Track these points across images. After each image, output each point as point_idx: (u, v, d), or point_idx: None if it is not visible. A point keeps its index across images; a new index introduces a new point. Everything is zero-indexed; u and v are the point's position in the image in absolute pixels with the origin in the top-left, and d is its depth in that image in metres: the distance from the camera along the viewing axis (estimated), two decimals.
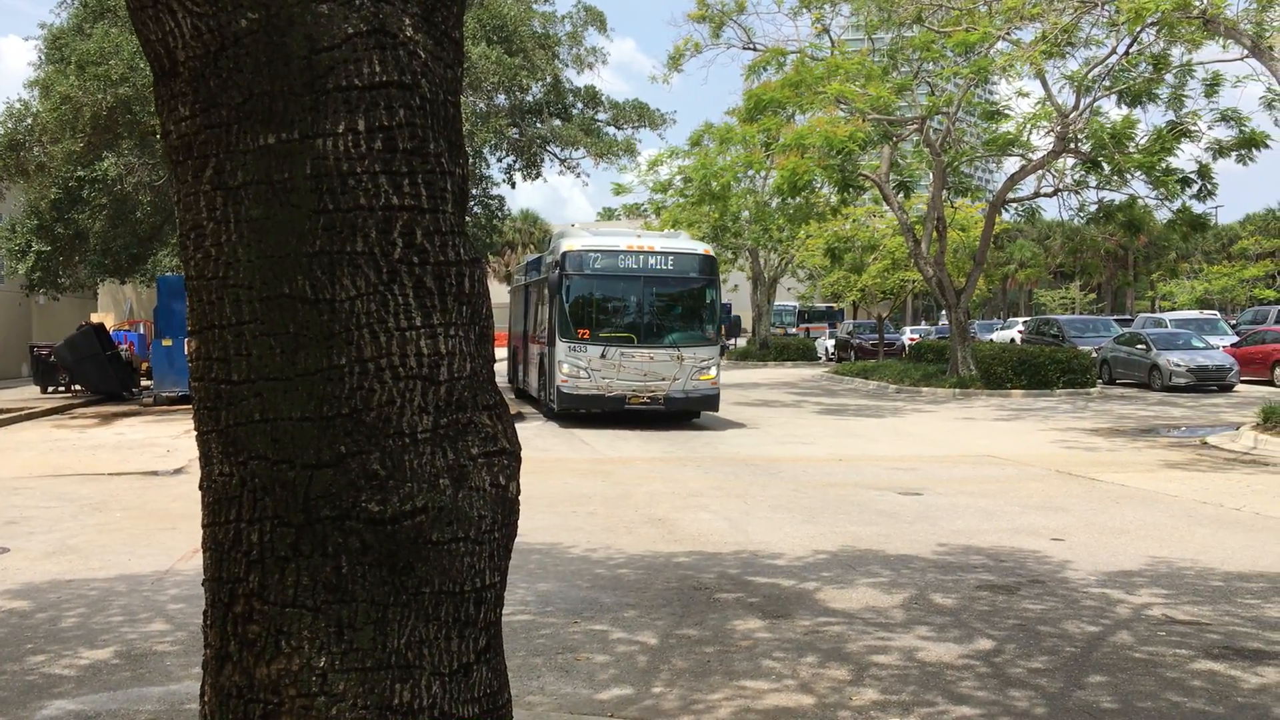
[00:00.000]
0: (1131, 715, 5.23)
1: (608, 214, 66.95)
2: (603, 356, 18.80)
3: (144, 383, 27.81)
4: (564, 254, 19.11)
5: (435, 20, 2.44)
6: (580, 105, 27.94)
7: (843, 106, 25.57)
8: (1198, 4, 17.66)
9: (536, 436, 18.35)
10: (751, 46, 28.69)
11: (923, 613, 7.09)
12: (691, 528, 10.07)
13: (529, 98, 27.02)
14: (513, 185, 29.27)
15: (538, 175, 28.14)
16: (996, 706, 5.33)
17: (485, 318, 2.47)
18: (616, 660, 6.01)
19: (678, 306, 19.91)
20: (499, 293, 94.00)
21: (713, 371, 19.35)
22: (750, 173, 31.06)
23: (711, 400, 19.60)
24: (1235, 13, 20.13)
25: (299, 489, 2.30)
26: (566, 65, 27.97)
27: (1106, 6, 19.50)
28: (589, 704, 5.38)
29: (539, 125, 27.64)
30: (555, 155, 28.48)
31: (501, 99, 26.68)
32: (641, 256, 19.15)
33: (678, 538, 9.58)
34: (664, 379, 19.00)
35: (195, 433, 2.51)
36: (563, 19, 28.13)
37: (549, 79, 26.87)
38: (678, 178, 32.13)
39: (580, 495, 11.90)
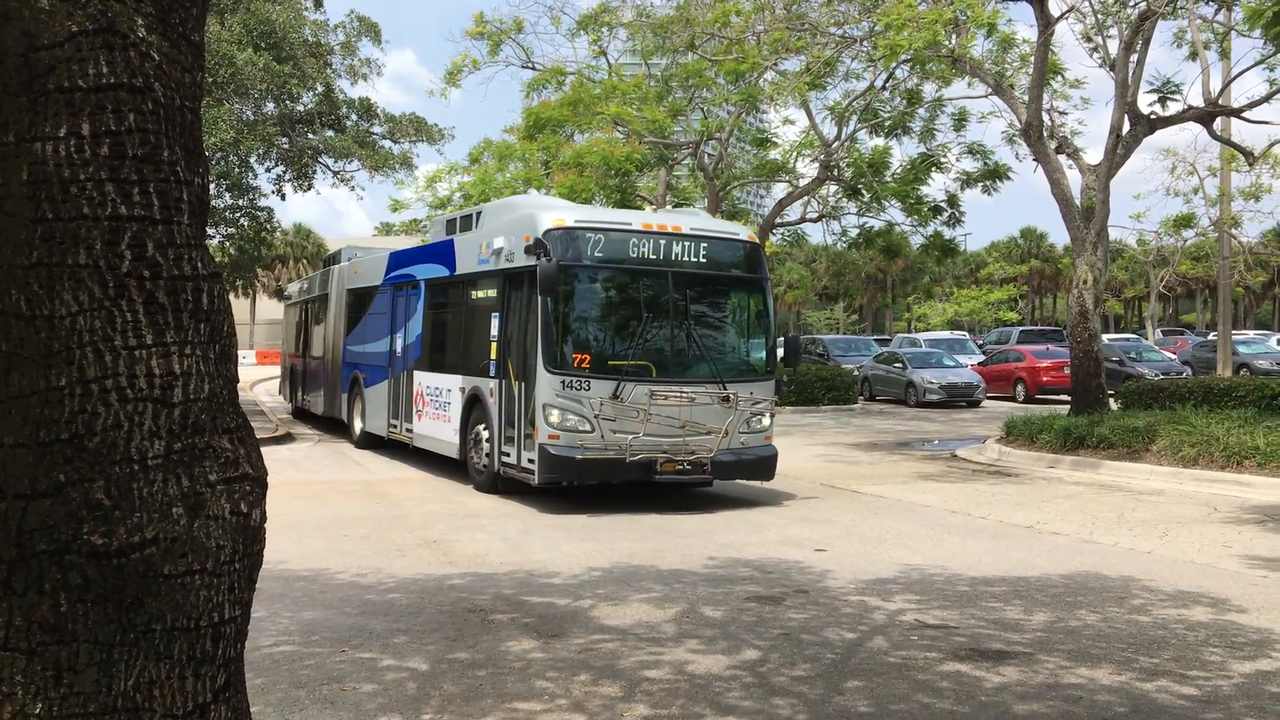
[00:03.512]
0: (886, 718, 5.47)
1: (386, 229, 65.60)
2: (616, 397, 11.90)
3: None
4: (545, 234, 12.01)
5: (171, 21, 2.30)
6: (355, 117, 27.24)
7: (620, 128, 25.99)
8: (947, 44, 18.90)
9: (305, 458, 17.72)
10: (531, 65, 28.80)
11: (693, 626, 7.22)
12: (468, 548, 9.92)
13: (300, 107, 26.14)
14: (282, 197, 28.17)
15: (309, 187, 27.22)
16: (761, 715, 5.47)
17: (227, 335, 2.33)
18: (385, 688, 5.83)
19: (719, 319, 13.45)
20: (269, 308, 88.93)
21: (767, 420, 13.05)
22: (530, 190, 31.09)
23: (767, 465, 12.92)
24: (980, 53, 21.68)
25: (10, 521, 2.10)
26: (340, 75, 27.24)
27: (865, 43, 20.60)
28: None
29: (311, 136, 26.77)
30: (328, 167, 27.65)
31: (270, 107, 25.71)
32: (664, 242, 12.52)
33: (453, 559, 9.42)
34: (709, 431, 12.27)
35: None
36: (335, 28, 27.41)
37: (321, 88, 26.09)
38: (457, 194, 31.83)
39: (353, 518, 11.54)
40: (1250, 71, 43.62)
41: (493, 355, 13.34)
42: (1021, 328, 46.08)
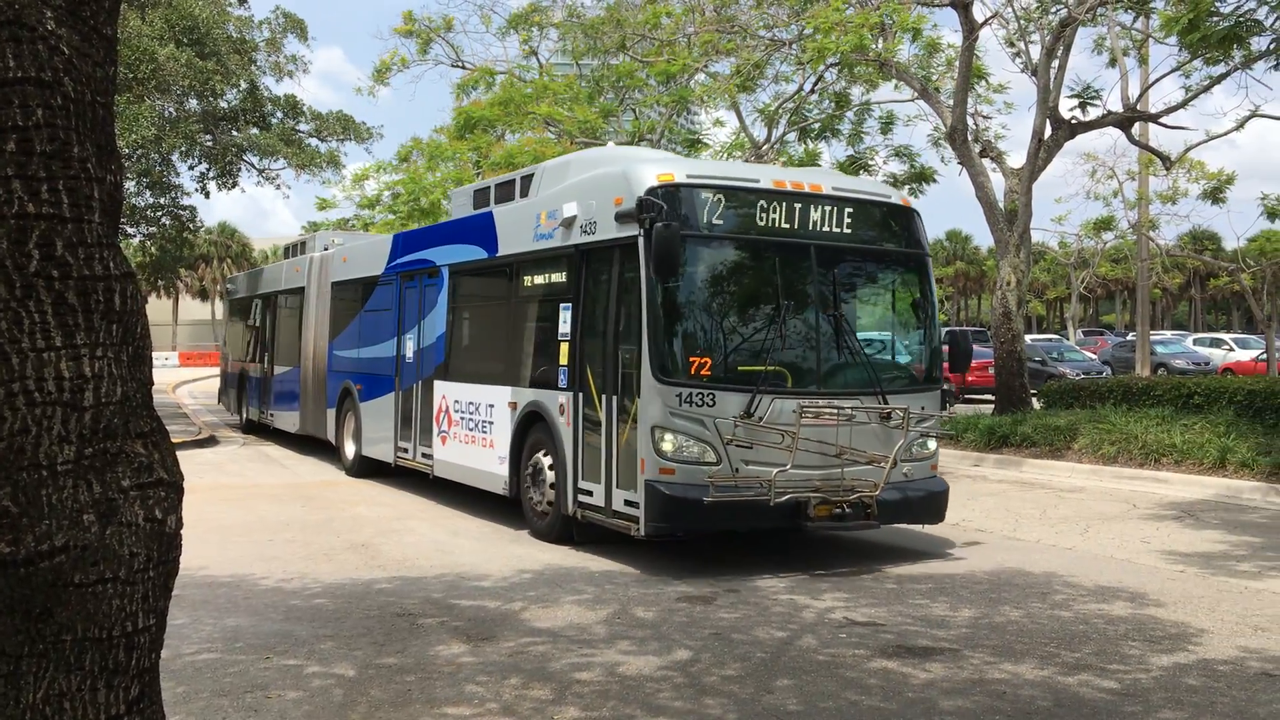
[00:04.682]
0: (815, 715, 5.51)
1: (313, 227, 64.61)
2: (751, 415, 8.86)
3: None
4: (650, 193, 9.04)
5: (82, 14, 2.23)
6: (280, 114, 26.81)
7: (552, 128, 25.91)
8: (874, 48, 19.14)
9: (230, 461, 17.39)
10: (461, 64, 28.59)
11: (625, 627, 7.21)
12: (397, 552, 9.81)
13: (224, 104, 25.66)
14: (206, 195, 27.62)
15: (234, 185, 26.73)
16: (692, 715, 5.48)
17: (140, 337, 2.26)
18: (311, 695, 5.74)
19: (873, 310, 10.75)
20: (193, 308, 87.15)
21: (933, 444, 10.10)
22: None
23: (938, 504, 9.94)
24: (906, 58, 21.99)
25: None
26: (265, 72, 26.79)
27: (793, 46, 20.78)
28: None
29: (235, 133, 26.30)
30: (253, 165, 27.18)
31: (193, 104, 25.20)
32: (802, 206, 9.51)
33: (381, 563, 9.31)
34: (871, 460, 9.30)
35: None
36: (260, 24, 26.94)
37: (245, 85, 25.63)
38: (386, 193, 31.48)
39: (278, 522, 11.35)
40: (1168, 78, 44.78)
41: (562, 360, 10.02)
42: (947, 328, 46.73)
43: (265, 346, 20.40)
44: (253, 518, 11.60)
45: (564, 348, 10.06)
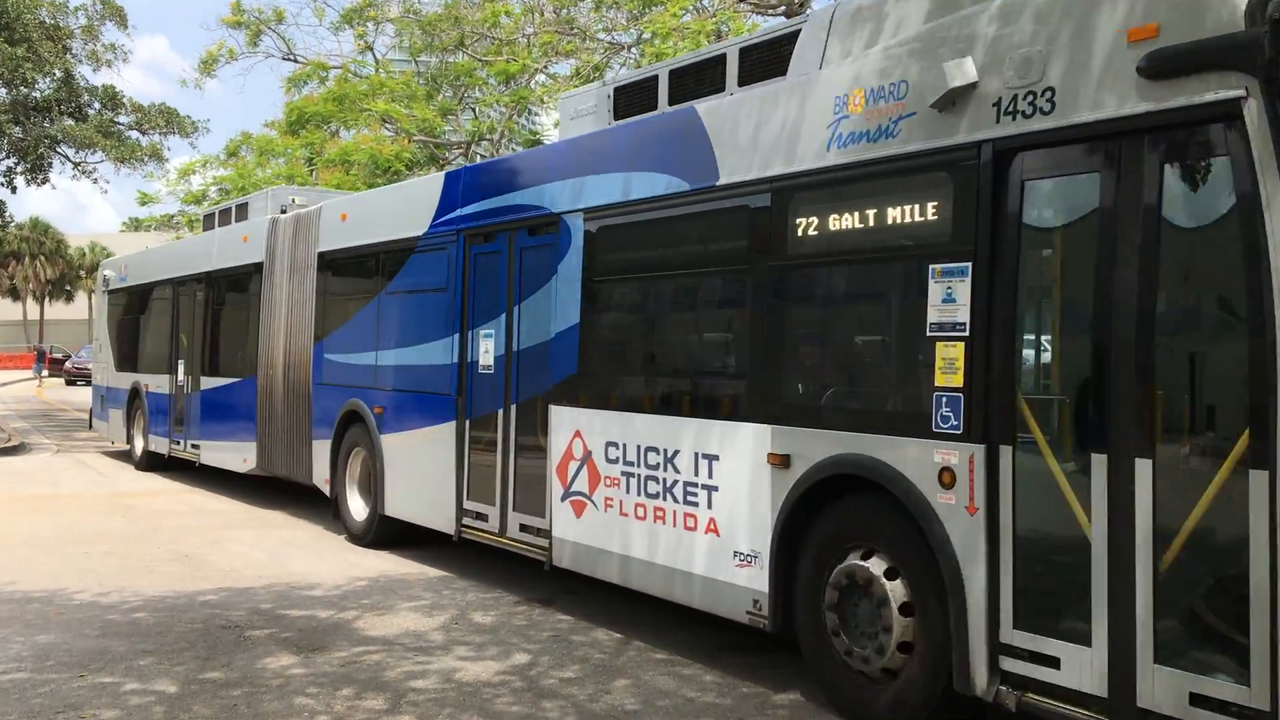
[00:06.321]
0: (653, 714, 5.56)
1: (134, 224, 61.71)
2: None
3: None
4: None
5: None
6: (98, 105, 25.48)
7: (389, 125, 25.43)
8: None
9: (43, 470, 16.45)
10: (292, 58, 27.77)
11: (463, 633, 7.13)
12: (222, 563, 9.44)
13: (35, 93, 24.25)
14: (13, 189, 25.96)
15: (45, 180, 25.28)
16: (530, 719, 5.45)
17: None
18: (129, 714, 5.46)
19: None
20: (3, 308, 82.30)
21: None
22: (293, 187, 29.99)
23: None
24: None
25: None
26: (81, 60, 25.42)
27: (633, 50, 20.96)
28: None
29: (48, 124, 24.87)
30: (68, 158, 25.76)
31: (2, 93, 23.74)
32: None
33: (206, 574, 8.94)
34: None
35: None
36: (76, 10, 25.55)
37: (59, 74, 24.28)
38: (213, 189, 30.32)
39: (96, 534, 10.77)
40: None
41: (948, 377, 5.21)
42: None
43: (183, 350, 15.07)
44: (69, 529, 10.98)
45: (947, 352, 5.19)
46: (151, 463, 16.00)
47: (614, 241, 7.57)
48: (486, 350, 8.80)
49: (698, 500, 6.55)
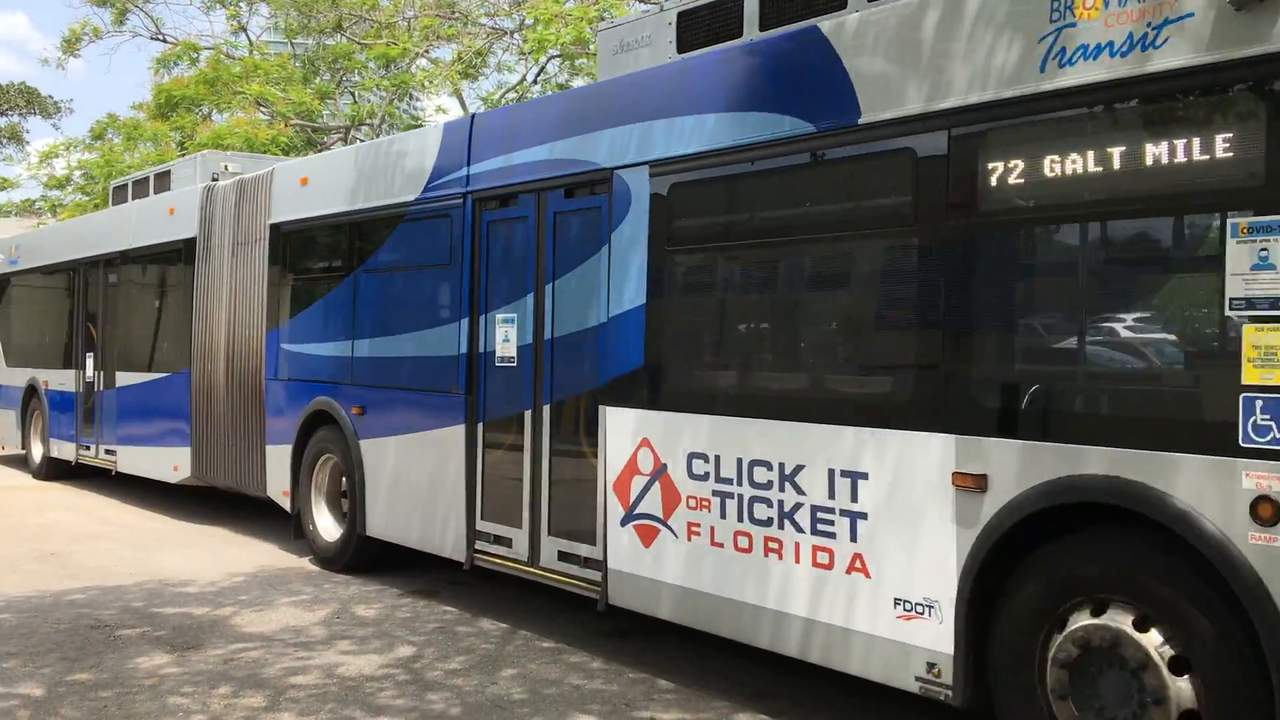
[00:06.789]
0: (539, 703, 5.54)
1: None
2: None
3: None
4: None
5: None
6: None
7: (264, 109, 24.76)
8: (593, 41, 19.44)
9: None
10: (161, 38, 26.79)
11: (345, 627, 7.00)
12: (91, 560, 9.09)
13: None
14: None
15: None
16: (415, 712, 5.38)
17: None
18: None
19: None
20: None
21: None
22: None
23: None
24: None
25: None
26: None
27: (515, 35, 20.79)
28: None
29: None
30: None
31: None
32: None
33: (73, 572, 8.60)
34: None
35: None
36: None
37: None
38: (77, 173, 29.11)
39: None
40: None
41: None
42: None
43: (92, 342, 13.26)
44: None
45: (1263, 337, 3.77)
46: (54, 471, 14.05)
47: (698, 201, 6.04)
48: (506, 338, 7.18)
49: (834, 531, 5.07)
